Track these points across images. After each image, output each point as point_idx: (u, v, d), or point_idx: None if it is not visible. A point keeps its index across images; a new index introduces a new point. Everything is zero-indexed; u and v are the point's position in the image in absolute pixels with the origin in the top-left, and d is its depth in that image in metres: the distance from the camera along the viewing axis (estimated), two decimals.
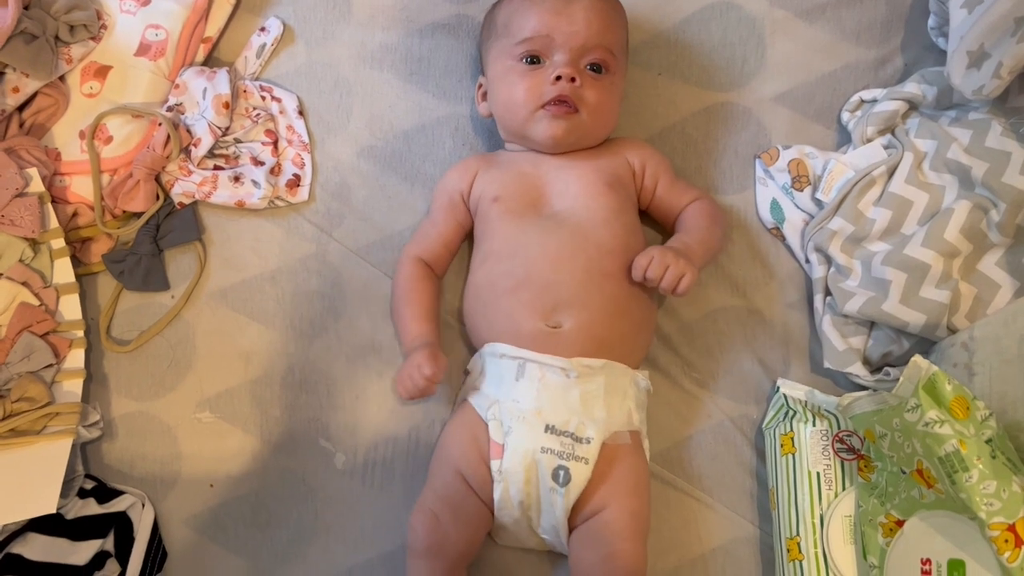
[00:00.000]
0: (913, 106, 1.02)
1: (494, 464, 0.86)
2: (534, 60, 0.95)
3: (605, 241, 0.92)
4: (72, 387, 0.94)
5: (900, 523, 0.81)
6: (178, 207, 1.02)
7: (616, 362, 0.89)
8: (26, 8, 0.96)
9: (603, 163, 0.97)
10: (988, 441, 0.76)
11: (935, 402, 0.77)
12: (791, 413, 0.92)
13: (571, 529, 0.86)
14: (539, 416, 0.86)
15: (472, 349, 0.96)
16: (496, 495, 0.86)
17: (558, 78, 0.93)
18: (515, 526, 0.88)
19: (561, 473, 0.84)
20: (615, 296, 0.90)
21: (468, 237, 1.01)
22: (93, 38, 1.02)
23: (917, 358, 0.79)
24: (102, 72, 1.03)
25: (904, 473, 0.81)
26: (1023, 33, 0.85)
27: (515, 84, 0.95)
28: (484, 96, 1.02)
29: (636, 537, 0.84)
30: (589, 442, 0.85)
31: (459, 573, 0.86)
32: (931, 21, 1.04)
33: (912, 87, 1.01)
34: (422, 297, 0.96)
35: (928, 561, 0.78)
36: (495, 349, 0.90)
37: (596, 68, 0.96)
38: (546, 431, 0.85)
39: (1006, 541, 0.72)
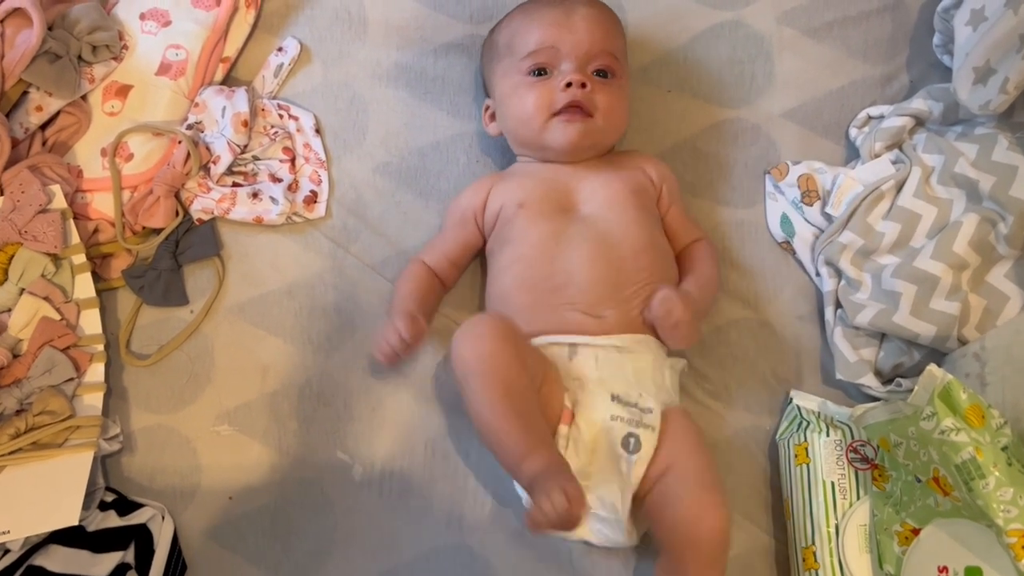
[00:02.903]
0: (920, 122, 1.03)
1: (562, 429, 0.86)
2: (541, 72, 0.97)
3: (636, 240, 0.94)
4: (92, 401, 0.95)
5: (916, 531, 0.82)
6: (197, 223, 1.03)
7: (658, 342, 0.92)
8: (50, 28, 0.98)
9: (625, 173, 0.99)
10: (1004, 448, 0.77)
11: (950, 410, 0.78)
12: (804, 424, 0.92)
13: (641, 499, 0.85)
14: (603, 385, 0.87)
15: None
16: None
17: (568, 85, 0.95)
18: None
19: (632, 441, 0.85)
20: (651, 287, 0.92)
21: (476, 257, 1.02)
22: (115, 58, 1.04)
23: (932, 367, 0.79)
24: (123, 91, 1.05)
25: (920, 481, 0.82)
26: None
27: (525, 97, 0.97)
28: (492, 117, 1.04)
29: (714, 487, 0.83)
30: (651, 411, 0.86)
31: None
32: (936, 39, 1.06)
33: (919, 103, 1.02)
34: (420, 284, 0.97)
35: (945, 569, 0.79)
36: (539, 341, 0.91)
37: (603, 73, 0.98)
38: (612, 400, 0.86)
39: (1023, 548, 0.73)
